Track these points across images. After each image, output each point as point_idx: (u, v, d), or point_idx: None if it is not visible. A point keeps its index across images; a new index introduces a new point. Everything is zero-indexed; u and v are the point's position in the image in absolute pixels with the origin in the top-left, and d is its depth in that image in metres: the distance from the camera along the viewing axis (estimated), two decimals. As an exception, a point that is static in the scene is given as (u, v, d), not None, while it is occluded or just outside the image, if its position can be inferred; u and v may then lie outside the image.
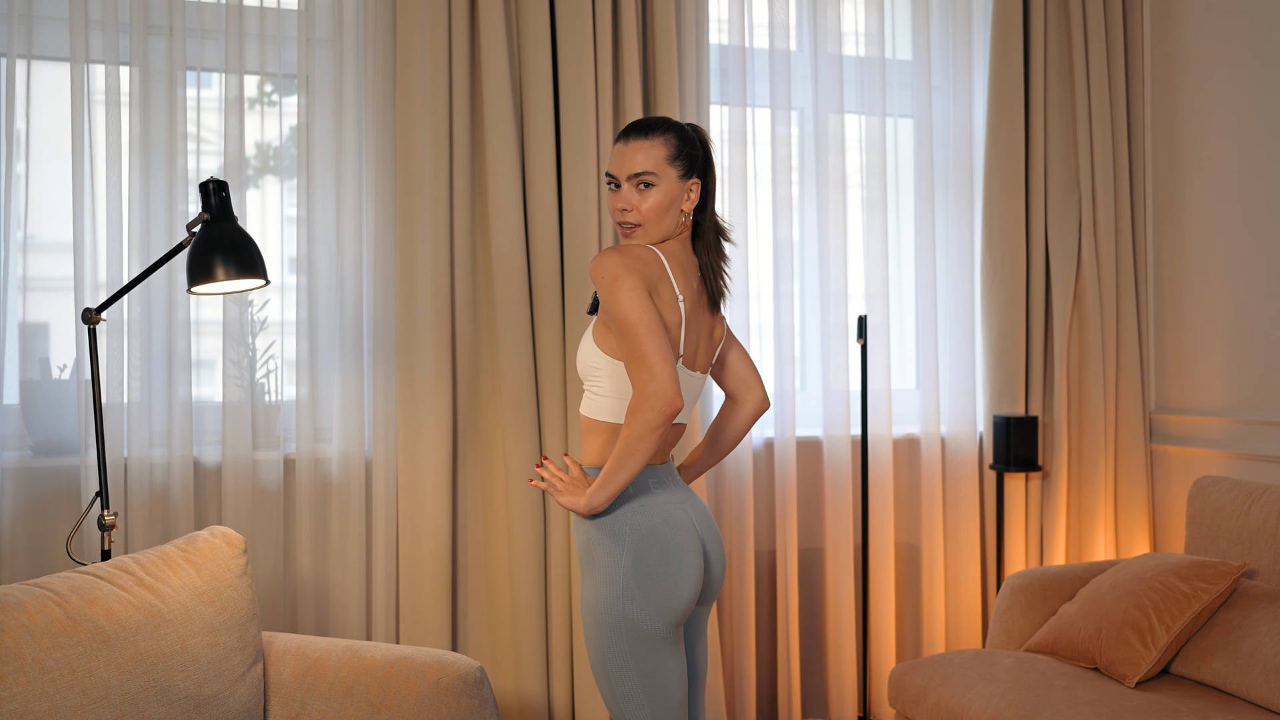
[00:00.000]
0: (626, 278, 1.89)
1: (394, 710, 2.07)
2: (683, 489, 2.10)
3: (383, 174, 2.97)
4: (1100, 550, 3.43)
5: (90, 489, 2.72)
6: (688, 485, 2.16)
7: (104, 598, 1.88)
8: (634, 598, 1.93)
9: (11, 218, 2.72)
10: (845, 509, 3.30)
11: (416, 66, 2.91)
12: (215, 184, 2.31)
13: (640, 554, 1.94)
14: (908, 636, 3.45)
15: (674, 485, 2.07)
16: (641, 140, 2.01)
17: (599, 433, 2.03)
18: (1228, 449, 3.26)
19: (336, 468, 2.93)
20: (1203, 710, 2.36)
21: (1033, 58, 3.41)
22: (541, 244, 2.97)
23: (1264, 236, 3.17)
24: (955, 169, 3.46)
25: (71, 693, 1.74)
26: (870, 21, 3.37)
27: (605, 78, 3.01)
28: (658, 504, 2.00)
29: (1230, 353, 3.28)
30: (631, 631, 1.93)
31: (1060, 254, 3.43)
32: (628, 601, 1.93)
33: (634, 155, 2.00)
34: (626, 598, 1.93)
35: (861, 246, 3.39)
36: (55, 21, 2.82)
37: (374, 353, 2.97)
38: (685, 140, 2.04)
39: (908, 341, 3.56)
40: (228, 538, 2.16)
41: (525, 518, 2.94)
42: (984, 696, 2.53)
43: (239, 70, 2.85)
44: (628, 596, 1.93)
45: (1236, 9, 3.26)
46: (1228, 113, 3.29)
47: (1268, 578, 2.72)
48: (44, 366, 2.83)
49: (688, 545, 1.99)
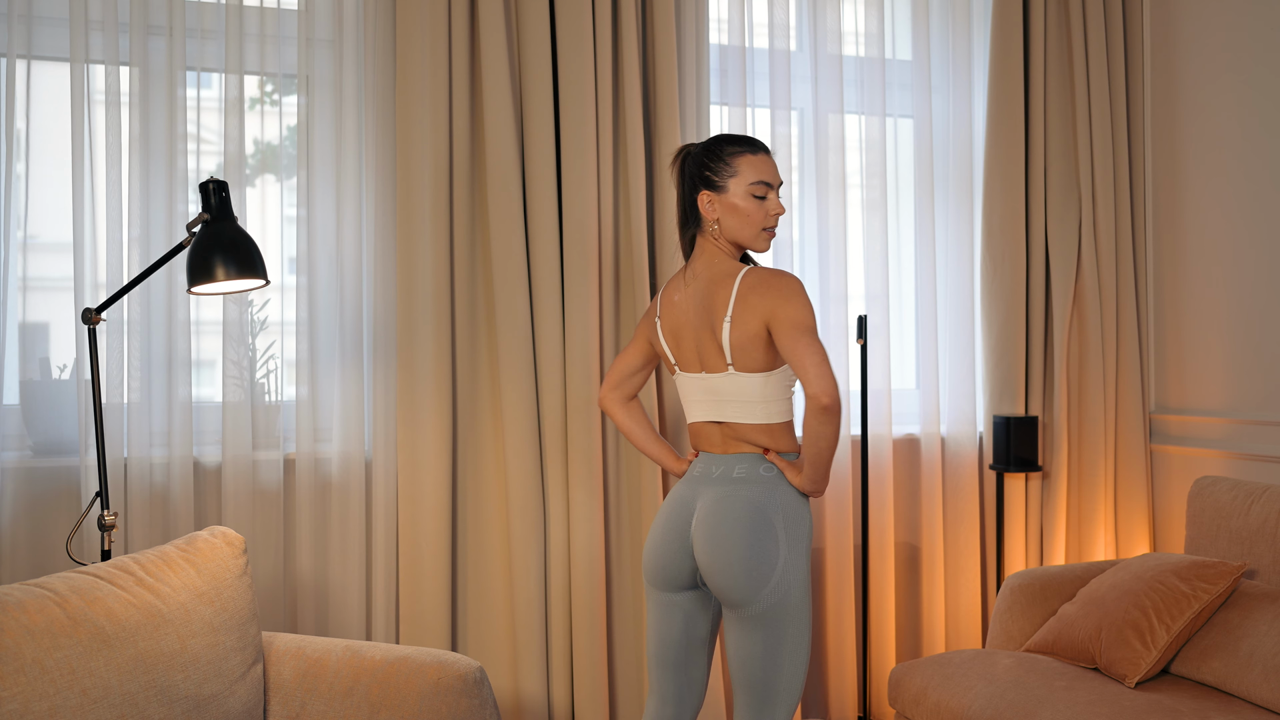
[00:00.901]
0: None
1: (394, 710, 2.07)
2: (702, 482, 2.24)
3: (383, 174, 2.97)
4: (1100, 550, 3.43)
5: (90, 489, 2.72)
6: (727, 482, 2.21)
7: (104, 598, 1.88)
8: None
9: (11, 218, 2.72)
10: (845, 509, 3.30)
11: (416, 66, 2.91)
12: (215, 184, 2.31)
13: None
14: (908, 636, 3.45)
15: (699, 473, 2.26)
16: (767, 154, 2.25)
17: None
18: (1228, 449, 3.26)
19: (336, 468, 2.93)
20: (1202, 710, 2.36)
21: (1033, 58, 3.42)
22: (541, 244, 2.97)
23: (1264, 236, 3.17)
24: (955, 169, 3.46)
25: (71, 693, 1.74)
26: (870, 21, 3.37)
27: (605, 78, 3.01)
28: (681, 480, 2.31)
29: (1230, 353, 3.28)
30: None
31: (1060, 254, 3.43)
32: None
33: (774, 165, 2.24)
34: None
35: (861, 246, 3.39)
36: (55, 21, 2.82)
37: (374, 353, 2.97)
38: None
39: (908, 341, 3.56)
40: (228, 538, 2.16)
41: (525, 518, 2.94)
42: (984, 696, 2.53)
43: (239, 70, 2.85)
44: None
45: (1236, 9, 3.26)
46: (1228, 112, 3.29)
47: (1268, 578, 2.72)
48: (44, 366, 2.83)
49: (661, 515, 2.27)
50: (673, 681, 2.28)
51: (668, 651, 2.28)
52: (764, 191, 2.19)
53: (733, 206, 2.19)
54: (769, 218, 2.20)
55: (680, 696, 2.30)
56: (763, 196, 2.19)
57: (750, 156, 2.19)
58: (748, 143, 2.22)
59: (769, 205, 2.20)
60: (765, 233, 2.21)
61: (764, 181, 2.19)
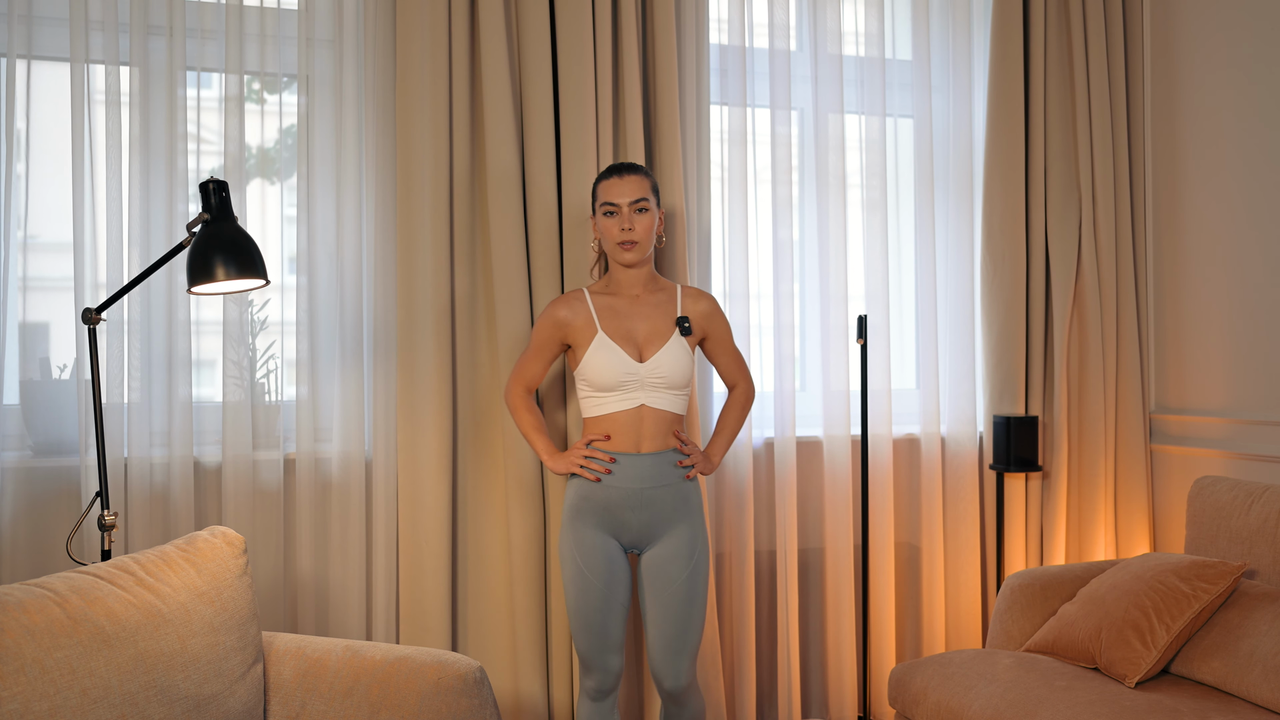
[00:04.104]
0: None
1: (394, 710, 2.07)
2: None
3: (383, 174, 2.97)
4: (1100, 550, 3.43)
5: (90, 489, 2.72)
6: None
7: (104, 598, 1.88)
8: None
9: (11, 218, 2.72)
10: (845, 509, 3.30)
11: (416, 66, 2.91)
12: (215, 184, 2.31)
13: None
14: (908, 636, 3.45)
15: None
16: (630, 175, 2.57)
17: (681, 421, 2.59)
18: (1228, 449, 3.26)
19: (336, 468, 2.93)
20: (1202, 710, 2.36)
21: (1033, 58, 3.42)
22: (541, 244, 2.97)
23: (1264, 236, 3.17)
24: (955, 169, 3.46)
25: (71, 693, 1.74)
26: (870, 21, 3.37)
27: (605, 78, 3.01)
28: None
29: (1230, 353, 3.28)
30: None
31: (1060, 254, 3.43)
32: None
33: (630, 186, 2.55)
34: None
35: (861, 246, 3.39)
36: (55, 21, 2.82)
37: (374, 353, 2.97)
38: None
39: (908, 341, 3.56)
40: (228, 538, 2.16)
41: (525, 518, 2.94)
42: (984, 696, 2.53)
43: (239, 70, 2.85)
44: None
45: (1236, 8, 3.26)
46: (1228, 112, 3.29)
47: (1268, 578, 2.72)
48: (44, 366, 2.83)
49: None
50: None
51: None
52: (610, 210, 2.53)
53: (598, 225, 2.60)
54: (621, 233, 2.51)
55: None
56: (609, 214, 2.53)
57: (604, 182, 2.56)
58: (609, 170, 2.57)
59: (620, 221, 2.52)
60: (620, 246, 2.52)
61: (608, 202, 2.53)
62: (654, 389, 2.52)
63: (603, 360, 2.50)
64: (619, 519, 2.51)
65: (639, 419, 2.51)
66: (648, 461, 2.51)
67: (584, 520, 2.51)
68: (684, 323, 2.55)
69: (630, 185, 2.52)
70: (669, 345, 2.53)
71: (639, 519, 2.51)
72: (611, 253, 2.55)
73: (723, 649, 3.22)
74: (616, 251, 2.54)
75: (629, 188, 2.52)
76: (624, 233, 2.50)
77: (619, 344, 2.51)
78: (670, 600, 2.50)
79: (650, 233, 2.54)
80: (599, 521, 2.51)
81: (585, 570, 2.48)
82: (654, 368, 2.51)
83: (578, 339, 2.55)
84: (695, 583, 2.51)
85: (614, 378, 2.49)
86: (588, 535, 2.50)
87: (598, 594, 2.48)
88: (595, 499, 2.51)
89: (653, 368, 2.51)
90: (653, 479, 2.51)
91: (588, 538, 2.50)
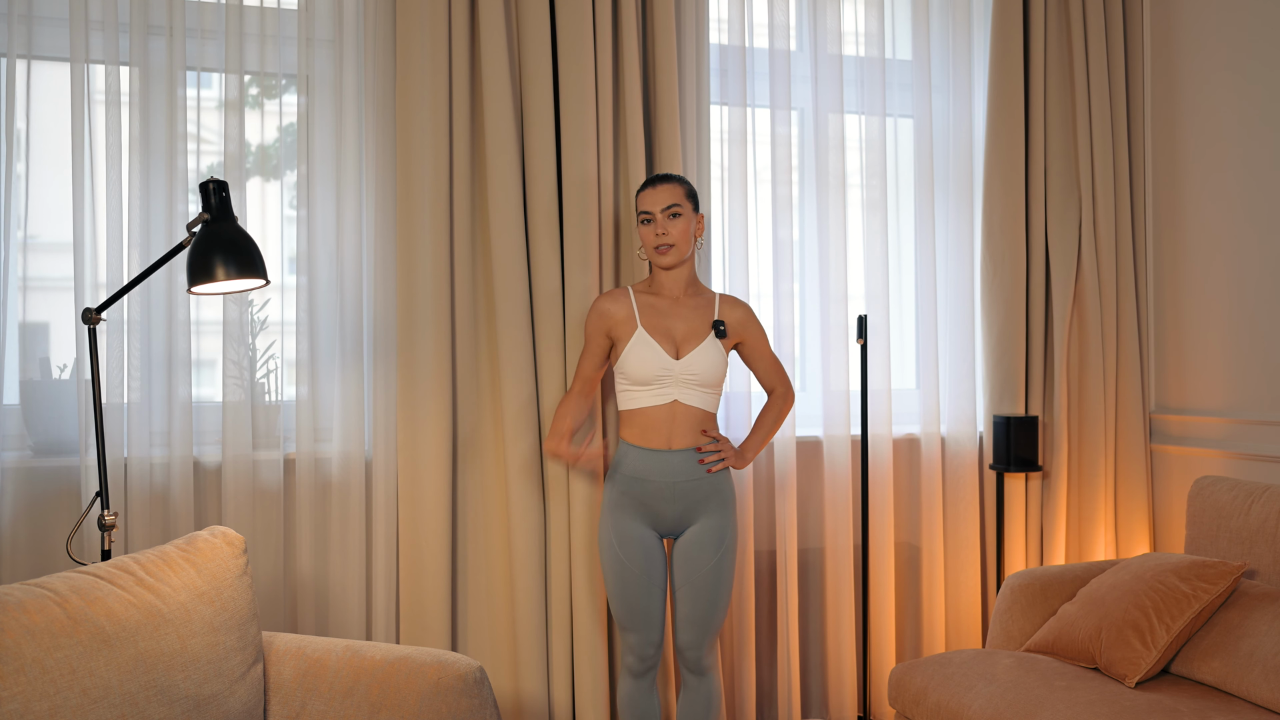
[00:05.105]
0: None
1: (394, 710, 2.07)
2: None
3: (383, 174, 2.97)
4: (1100, 550, 3.43)
5: (90, 489, 2.72)
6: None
7: (104, 598, 1.88)
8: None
9: (11, 218, 2.72)
10: (845, 509, 3.30)
11: (416, 66, 2.91)
12: (215, 184, 2.31)
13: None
14: (908, 636, 3.45)
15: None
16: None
17: (712, 419, 2.74)
18: (1228, 449, 3.26)
19: (336, 468, 2.93)
20: (1202, 710, 2.36)
21: (1033, 58, 3.42)
22: (542, 243, 2.97)
23: (1264, 236, 3.17)
24: (955, 169, 3.46)
25: (72, 693, 1.74)
26: (870, 21, 3.37)
27: (605, 77, 3.01)
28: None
29: (1230, 353, 3.28)
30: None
31: (1060, 254, 3.43)
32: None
33: (663, 195, 2.71)
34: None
35: (861, 246, 3.39)
36: (55, 21, 2.82)
37: (374, 353, 2.97)
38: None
39: (908, 341, 3.56)
40: (228, 538, 2.16)
41: (525, 517, 2.94)
42: (984, 696, 2.53)
43: (239, 70, 2.85)
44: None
45: (1236, 9, 3.26)
46: (1228, 112, 3.29)
47: (1268, 578, 2.72)
48: (44, 366, 2.83)
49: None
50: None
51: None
52: (646, 218, 2.69)
53: (639, 233, 2.74)
54: (656, 237, 2.67)
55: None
56: (645, 222, 2.69)
57: (641, 194, 2.72)
58: (645, 182, 2.73)
59: (655, 227, 2.68)
60: (655, 251, 2.68)
61: (644, 211, 2.68)
62: (687, 386, 2.67)
63: (641, 355, 2.65)
64: (655, 510, 2.68)
65: (672, 414, 2.67)
66: (680, 457, 2.67)
67: (623, 511, 2.69)
68: (719, 326, 2.70)
69: (663, 193, 2.68)
70: (704, 345, 2.68)
71: (673, 510, 2.69)
72: (651, 257, 2.72)
73: (723, 648, 3.22)
74: (654, 255, 2.70)
75: (661, 195, 2.67)
76: (658, 237, 2.66)
77: (657, 340, 2.67)
78: (700, 583, 2.67)
79: (686, 236, 2.69)
80: (636, 513, 2.69)
81: (623, 558, 2.67)
82: (688, 365, 2.66)
83: (619, 333, 2.70)
84: (722, 568, 2.69)
85: (650, 372, 2.65)
86: (625, 525, 2.68)
87: (635, 578, 2.66)
88: (633, 493, 2.68)
89: (687, 365, 2.66)
90: (685, 473, 2.67)
91: (625, 527, 2.68)
